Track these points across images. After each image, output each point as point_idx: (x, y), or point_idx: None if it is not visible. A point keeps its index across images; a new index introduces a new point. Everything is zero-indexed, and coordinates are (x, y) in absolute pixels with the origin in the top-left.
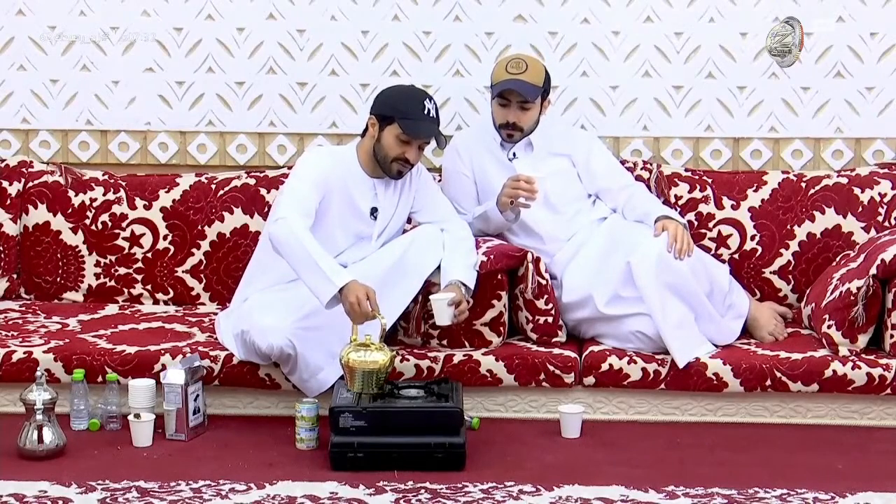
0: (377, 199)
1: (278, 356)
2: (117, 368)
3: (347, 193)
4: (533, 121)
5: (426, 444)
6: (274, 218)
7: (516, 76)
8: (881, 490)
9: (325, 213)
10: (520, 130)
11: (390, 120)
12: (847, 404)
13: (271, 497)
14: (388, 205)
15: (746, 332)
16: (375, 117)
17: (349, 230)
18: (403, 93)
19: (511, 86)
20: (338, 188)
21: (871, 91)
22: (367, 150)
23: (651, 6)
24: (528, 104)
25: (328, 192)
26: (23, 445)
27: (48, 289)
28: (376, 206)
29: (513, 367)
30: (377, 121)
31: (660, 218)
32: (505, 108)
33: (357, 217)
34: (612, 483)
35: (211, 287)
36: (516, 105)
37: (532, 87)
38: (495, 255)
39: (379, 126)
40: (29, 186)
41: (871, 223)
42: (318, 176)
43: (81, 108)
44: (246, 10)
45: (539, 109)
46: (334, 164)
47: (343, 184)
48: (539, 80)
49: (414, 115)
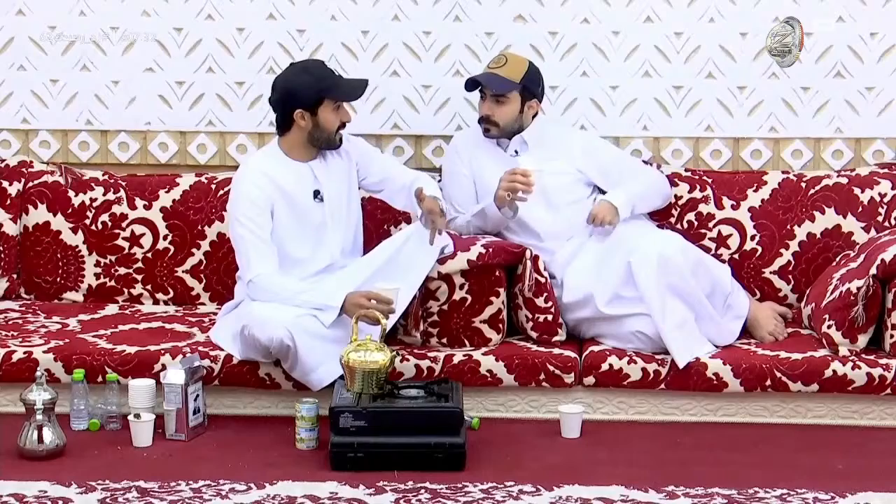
0: (317, 181)
1: (278, 349)
2: (117, 368)
3: (289, 196)
4: (510, 117)
5: (426, 444)
6: (245, 281)
7: (491, 69)
8: (881, 490)
9: (277, 225)
10: (495, 125)
11: (318, 102)
12: (847, 404)
13: (271, 497)
14: (331, 182)
15: (746, 332)
16: (302, 110)
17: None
18: (303, 72)
19: (480, 78)
20: (278, 197)
21: (871, 91)
22: (299, 141)
23: (651, 6)
24: (501, 98)
25: (273, 207)
26: (23, 445)
27: (48, 289)
28: (318, 189)
29: (513, 367)
30: (305, 111)
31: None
32: (483, 100)
33: (306, 211)
34: (612, 483)
35: (211, 287)
36: (490, 98)
37: (502, 81)
38: (493, 250)
39: (310, 114)
40: (29, 186)
41: (871, 223)
42: (258, 207)
43: (81, 108)
44: (246, 10)
45: (519, 106)
46: (264, 176)
47: (280, 191)
48: (516, 75)
49: (334, 83)
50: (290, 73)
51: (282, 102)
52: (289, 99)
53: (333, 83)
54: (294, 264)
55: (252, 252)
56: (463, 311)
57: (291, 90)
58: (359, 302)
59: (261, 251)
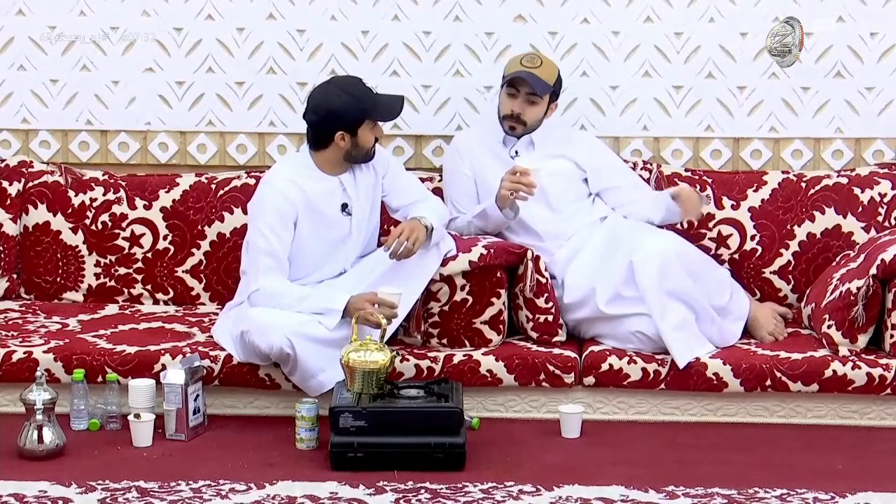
0: (346, 194)
1: (278, 356)
2: (117, 368)
3: (316, 209)
4: (537, 118)
5: (426, 444)
6: (250, 291)
7: (530, 69)
8: (881, 490)
9: (299, 236)
10: (523, 124)
11: (359, 122)
12: (847, 404)
13: (271, 497)
14: (358, 196)
15: (746, 332)
16: (344, 132)
17: (327, 239)
18: (344, 92)
19: (523, 75)
20: (304, 208)
21: (871, 91)
22: (335, 158)
23: (651, 6)
24: (535, 98)
25: (298, 219)
26: (23, 445)
27: (48, 289)
28: (346, 202)
29: (513, 367)
30: (346, 132)
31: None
32: (512, 98)
33: (331, 224)
34: (612, 483)
35: (211, 287)
36: (524, 97)
37: (543, 83)
38: (495, 250)
39: (350, 135)
40: (29, 186)
41: (871, 223)
42: (282, 218)
43: (81, 108)
44: (246, 10)
45: (545, 108)
46: (294, 186)
47: (308, 203)
48: (551, 78)
49: (374, 102)
50: (329, 94)
51: (322, 123)
52: (330, 120)
53: (374, 103)
54: (308, 270)
55: (263, 264)
56: (464, 312)
57: (334, 112)
58: (362, 306)
59: (272, 265)
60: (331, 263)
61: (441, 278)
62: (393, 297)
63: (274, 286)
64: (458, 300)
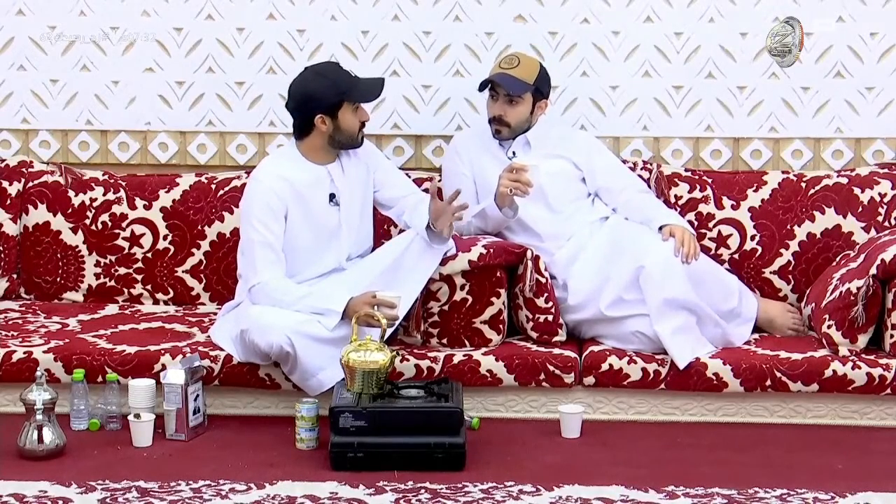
0: (333, 184)
1: (277, 355)
2: (117, 368)
3: (303, 198)
4: (522, 118)
5: (426, 444)
6: (248, 285)
7: (505, 70)
8: (881, 490)
9: (290, 228)
10: (507, 126)
11: (338, 105)
12: (847, 404)
13: (271, 497)
14: (346, 188)
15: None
16: (322, 115)
17: (318, 230)
18: (319, 76)
19: (495, 78)
20: (293, 200)
21: (871, 91)
22: (319, 144)
23: (651, 6)
24: (515, 99)
25: (287, 211)
26: (23, 445)
27: (48, 289)
28: (334, 192)
29: (513, 367)
30: (325, 115)
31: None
32: (494, 101)
33: (320, 214)
34: (612, 483)
35: (211, 287)
36: (503, 98)
37: (517, 82)
38: (494, 250)
39: (331, 118)
40: (29, 186)
41: (871, 223)
42: (272, 212)
43: (81, 108)
44: (246, 10)
45: (530, 107)
46: (281, 179)
47: (296, 194)
48: (529, 76)
49: (352, 84)
50: (305, 78)
51: (300, 108)
52: (308, 104)
53: (351, 85)
54: (301, 266)
55: (260, 258)
56: (464, 312)
57: (309, 95)
58: (361, 307)
59: (269, 258)
60: (323, 258)
61: (441, 278)
62: (392, 297)
63: (275, 282)
64: (457, 300)
